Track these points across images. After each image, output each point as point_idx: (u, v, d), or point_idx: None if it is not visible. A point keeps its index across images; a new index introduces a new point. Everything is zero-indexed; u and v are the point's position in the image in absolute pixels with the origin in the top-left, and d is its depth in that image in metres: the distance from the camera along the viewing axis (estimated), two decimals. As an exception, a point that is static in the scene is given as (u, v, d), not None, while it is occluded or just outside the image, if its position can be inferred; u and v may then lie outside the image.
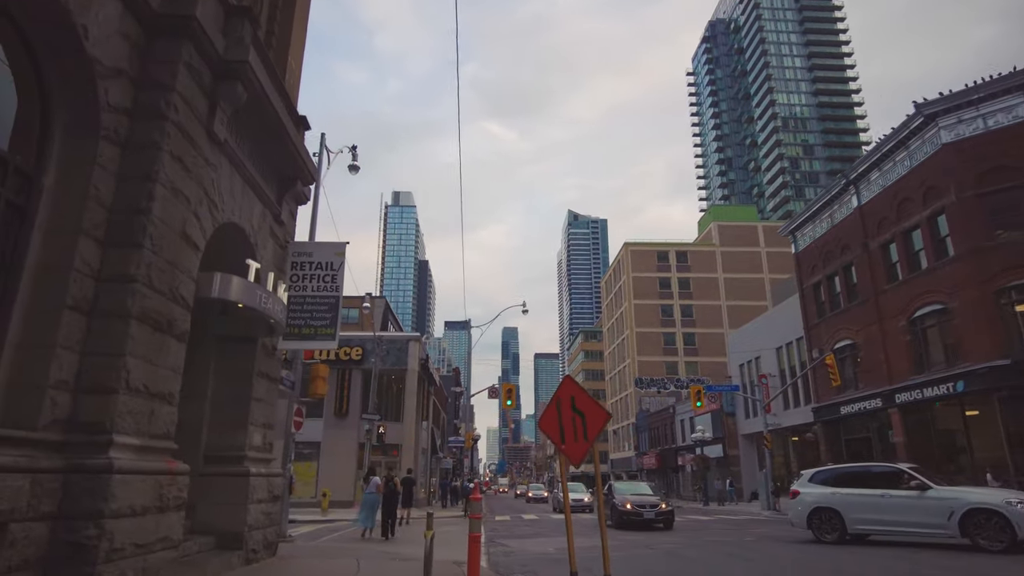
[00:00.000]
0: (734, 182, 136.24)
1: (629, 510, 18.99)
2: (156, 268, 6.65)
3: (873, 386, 27.90)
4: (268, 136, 9.47)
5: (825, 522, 14.05)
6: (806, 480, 15.02)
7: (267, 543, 9.56)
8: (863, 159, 28.41)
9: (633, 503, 19.17)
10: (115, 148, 6.60)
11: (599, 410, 8.69)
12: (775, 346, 39.84)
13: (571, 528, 8.37)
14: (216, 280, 7.79)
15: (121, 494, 5.76)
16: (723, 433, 47.27)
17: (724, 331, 71.24)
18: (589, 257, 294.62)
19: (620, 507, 19.25)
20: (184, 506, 6.95)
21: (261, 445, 9.85)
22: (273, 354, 10.31)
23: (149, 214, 6.57)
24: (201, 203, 7.68)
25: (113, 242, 6.43)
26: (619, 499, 19.84)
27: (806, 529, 14.45)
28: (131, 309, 6.25)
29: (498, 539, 17.04)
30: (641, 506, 19.02)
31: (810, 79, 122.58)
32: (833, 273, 31.99)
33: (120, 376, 6.04)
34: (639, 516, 18.78)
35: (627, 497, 19.77)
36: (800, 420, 36.41)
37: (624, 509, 19.09)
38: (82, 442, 5.79)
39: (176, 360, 7.06)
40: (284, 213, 10.74)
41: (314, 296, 10.63)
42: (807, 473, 15.40)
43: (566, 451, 8.66)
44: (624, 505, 19.22)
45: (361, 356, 34.51)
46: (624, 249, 79.60)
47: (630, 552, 12.91)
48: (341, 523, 22.25)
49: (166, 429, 6.80)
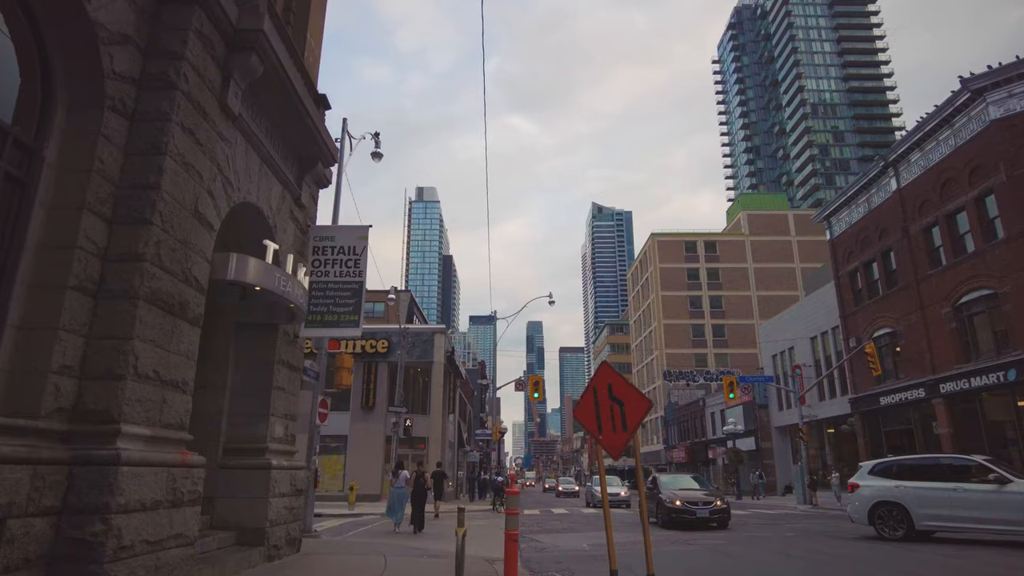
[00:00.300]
0: (762, 171, 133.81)
1: (679, 507, 17.08)
2: (166, 247, 6.23)
3: (915, 376, 26.85)
4: (286, 113, 9.02)
5: (889, 517, 13.11)
6: (865, 472, 14.12)
7: (290, 539, 9.17)
8: (903, 139, 27.24)
9: (683, 499, 17.29)
10: (122, 119, 6.19)
11: (639, 398, 8.11)
12: (809, 336, 38.76)
13: (610, 524, 7.82)
14: (232, 261, 7.36)
15: (130, 487, 5.35)
16: (755, 426, 46.27)
17: (754, 322, 69.91)
18: (614, 250, 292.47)
19: (668, 504, 17.35)
20: (200, 500, 6.54)
21: (283, 437, 9.45)
22: (295, 342, 9.90)
23: (158, 189, 6.15)
24: (215, 180, 7.25)
25: (120, 219, 6.02)
26: (667, 495, 17.85)
27: (867, 525, 13.58)
28: (139, 290, 5.83)
29: (529, 534, 16.55)
30: (693, 503, 17.11)
31: (840, 64, 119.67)
32: (871, 259, 30.89)
33: (128, 361, 5.62)
34: (691, 514, 16.86)
35: (676, 493, 17.84)
36: (836, 412, 35.38)
37: (673, 506, 17.20)
38: (87, 432, 5.39)
39: (190, 346, 6.65)
40: (304, 195, 10.31)
41: (337, 282, 10.19)
42: (866, 465, 14.51)
43: (604, 443, 8.10)
44: (673, 502, 17.28)
45: (387, 349, 34.25)
46: (651, 240, 78.47)
47: (670, 548, 12.31)
48: (368, 517, 21.97)
49: (179, 419, 6.38)
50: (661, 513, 17.53)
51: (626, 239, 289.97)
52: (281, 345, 9.39)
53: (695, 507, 16.95)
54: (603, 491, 8.06)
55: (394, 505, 16.94)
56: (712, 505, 17.02)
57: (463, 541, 6.19)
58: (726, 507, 17.24)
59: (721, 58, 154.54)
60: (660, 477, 19.92)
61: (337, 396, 31.37)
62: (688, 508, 17.00)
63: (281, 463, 9.03)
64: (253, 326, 9.21)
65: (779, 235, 75.17)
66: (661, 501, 17.71)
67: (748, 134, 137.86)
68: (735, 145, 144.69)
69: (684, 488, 18.56)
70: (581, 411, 8.42)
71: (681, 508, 17.06)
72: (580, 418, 8.41)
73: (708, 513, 16.77)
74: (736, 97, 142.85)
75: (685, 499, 17.27)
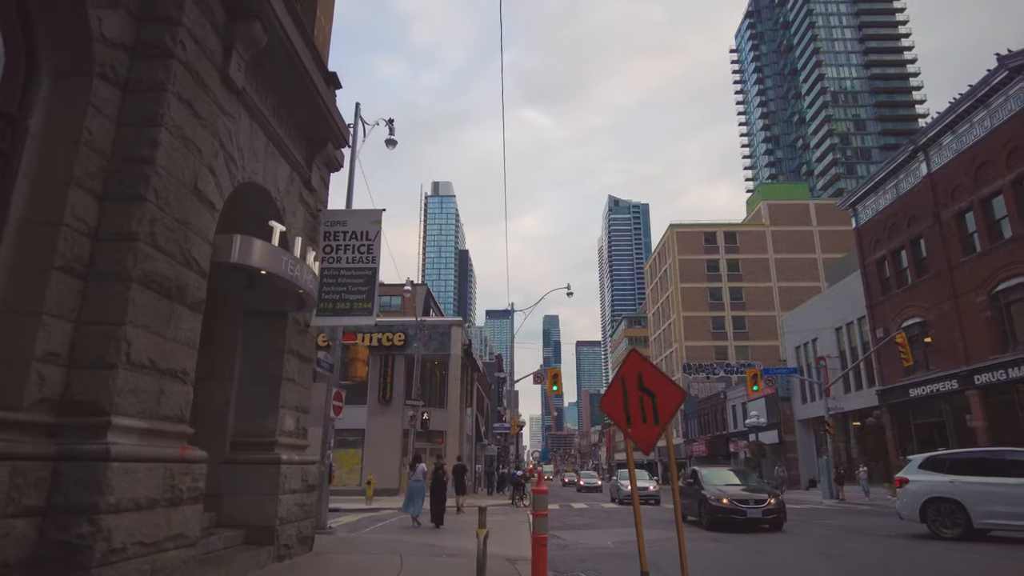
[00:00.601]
0: (781, 161, 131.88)
1: (727, 506, 14.99)
2: (162, 226, 5.77)
3: (947, 367, 25.97)
4: (294, 90, 8.54)
5: (944, 515, 12.26)
6: (915, 467, 13.31)
7: (301, 537, 8.73)
8: (935, 122, 26.27)
9: (732, 497, 15.18)
10: (113, 89, 5.73)
11: (672, 389, 7.54)
12: (834, 327, 37.86)
13: (640, 522, 7.29)
14: (235, 243, 6.89)
15: (121, 485, 4.90)
16: (778, 418, 45.43)
17: (776, 314, 68.80)
18: (631, 243, 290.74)
19: (714, 502, 15.22)
20: (201, 498, 6.10)
21: (294, 430, 9.01)
22: (305, 331, 9.45)
23: (153, 163, 5.68)
24: (216, 156, 6.78)
25: (112, 195, 5.57)
26: (711, 492, 15.66)
27: (919, 523, 12.77)
28: (132, 271, 5.37)
29: (550, 531, 16.00)
30: (743, 501, 15.00)
31: (861, 51, 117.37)
32: (899, 247, 29.96)
33: (120, 348, 5.17)
34: (740, 515, 14.75)
35: (723, 489, 15.72)
36: (862, 404, 34.52)
37: (720, 505, 15.10)
38: (75, 425, 4.95)
39: (190, 333, 6.19)
40: (315, 178, 9.84)
41: (349, 268, 9.72)
42: (917, 459, 13.69)
43: (634, 436, 7.55)
44: (720, 500, 15.17)
45: (404, 342, 33.91)
46: (669, 231, 77.45)
47: (701, 546, 11.74)
48: (386, 511, 21.61)
49: (178, 411, 5.94)
50: (705, 512, 15.49)
51: (643, 232, 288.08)
52: (291, 334, 8.94)
53: (746, 506, 14.90)
54: (633, 487, 7.55)
55: (411, 498, 16.61)
56: (765, 504, 14.91)
57: (485, 544, 5.69)
58: (781, 506, 15.05)
59: (739, 47, 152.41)
60: (702, 471, 17.43)
61: (354, 390, 31.10)
62: (737, 507, 14.94)
63: (292, 457, 8.59)
64: (261, 314, 8.77)
65: (800, 225, 73.84)
66: (705, 499, 15.59)
67: (767, 124, 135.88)
68: (754, 135, 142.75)
69: (730, 483, 16.52)
70: (608, 403, 7.89)
71: (729, 507, 15.02)
72: (607, 410, 7.87)
73: (761, 513, 14.72)
74: (754, 87, 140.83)
75: (734, 496, 15.24)
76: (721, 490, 15.68)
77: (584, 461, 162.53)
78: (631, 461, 7.89)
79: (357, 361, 14.39)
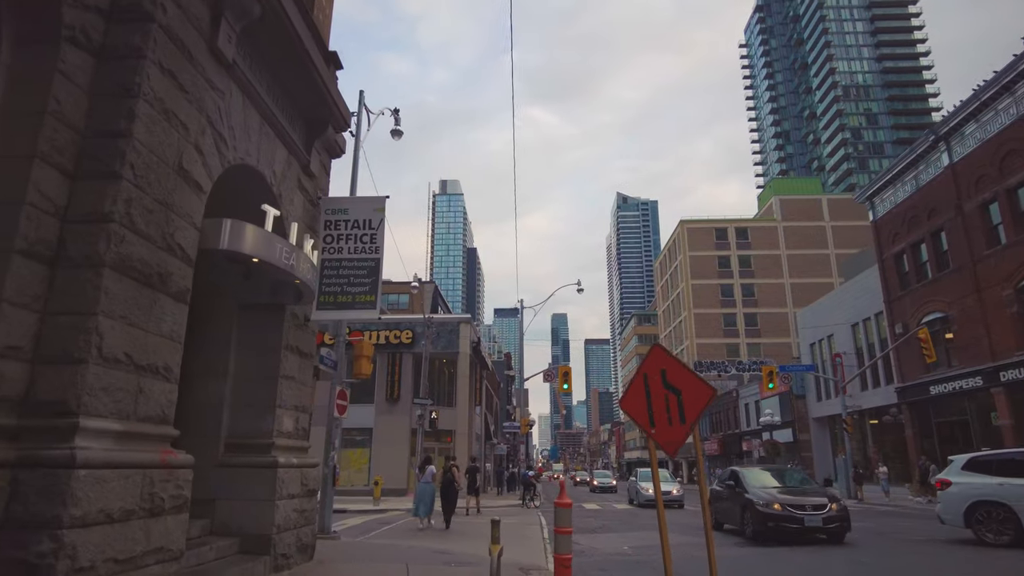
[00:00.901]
0: (792, 156, 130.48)
1: (779, 513, 12.48)
2: (141, 207, 5.22)
3: (971, 363, 25.18)
4: (291, 68, 7.97)
5: (992, 520, 11.40)
6: (958, 468, 12.55)
7: (301, 545, 8.18)
8: (957, 110, 25.46)
9: (786, 503, 12.64)
10: (85, 56, 5.18)
11: (700, 386, 6.94)
12: (850, 323, 37.04)
13: (665, 528, 6.71)
14: (225, 228, 6.34)
15: (89, 495, 4.36)
16: (792, 416, 44.64)
17: (788, 310, 67.93)
18: (640, 240, 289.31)
19: (763, 507, 12.72)
20: (187, 507, 5.55)
21: (293, 431, 8.46)
22: (305, 326, 8.90)
23: (129, 137, 5.13)
24: (203, 134, 6.23)
25: (84, 173, 5.03)
26: (758, 495, 13.15)
27: (963, 527, 12.00)
28: (104, 256, 4.83)
29: (563, 533, 15.48)
30: (798, 507, 12.50)
31: (873, 44, 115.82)
32: (919, 240, 29.16)
33: (90, 341, 4.63)
34: (796, 523, 12.27)
35: (773, 494, 13.19)
36: (880, 401, 33.70)
37: (771, 511, 12.58)
38: (39, 427, 4.42)
39: (174, 325, 5.65)
40: (314, 164, 9.29)
41: (351, 259, 9.14)
42: (959, 459, 12.90)
43: (658, 438, 6.96)
44: (771, 505, 12.68)
45: (411, 340, 33.37)
46: (680, 227, 76.59)
47: (725, 552, 11.10)
48: (394, 513, 21.10)
49: (160, 411, 5.39)
50: (751, 520, 13.00)
51: (652, 229, 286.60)
52: (289, 328, 8.39)
53: (802, 512, 12.39)
54: (657, 490, 6.96)
55: (421, 501, 16.21)
56: (826, 509, 12.45)
57: (499, 562, 5.11)
58: (844, 512, 12.57)
59: (748, 42, 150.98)
60: (743, 472, 15.02)
61: (361, 388, 30.61)
62: (792, 514, 12.38)
63: (290, 460, 8.04)
64: (257, 308, 8.22)
65: (813, 220, 72.83)
66: (750, 504, 13.11)
67: (777, 119, 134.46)
68: (764, 131, 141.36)
69: (778, 486, 14.10)
70: (629, 402, 7.29)
71: (782, 514, 12.44)
72: (628, 410, 7.28)
73: (821, 521, 12.27)
74: (764, 81, 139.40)
75: (788, 502, 12.72)
76: (770, 494, 13.21)
77: (594, 460, 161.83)
78: (655, 463, 7.31)
79: (362, 358, 13.85)
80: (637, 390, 7.22)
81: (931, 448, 28.07)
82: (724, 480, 15.66)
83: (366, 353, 13.89)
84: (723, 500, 15.07)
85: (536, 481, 28.54)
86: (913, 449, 29.45)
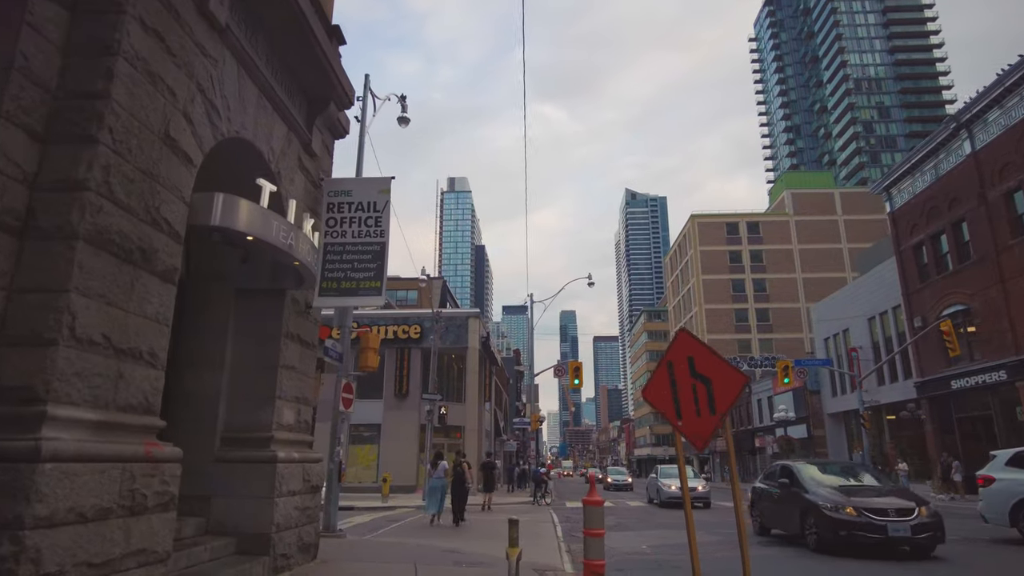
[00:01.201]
0: (803, 151, 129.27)
1: (854, 520, 10.07)
2: (121, 175, 4.75)
3: (994, 356, 24.48)
4: (290, 38, 7.48)
5: None
6: (1002, 463, 11.95)
7: (303, 545, 7.72)
8: (979, 96, 24.72)
9: (862, 506, 10.22)
10: (58, 8, 4.70)
11: (732, 373, 6.42)
12: (866, 316, 36.32)
13: (692, 529, 6.20)
14: (217, 203, 5.86)
15: (56, 492, 3.88)
16: (807, 412, 43.93)
17: (800, 305, 67.15)
18: (648, 236, 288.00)
19: (831, 512, 10.38)
20: (173, 505, 5.08)
21: (294, 424, 7.99)
22: (306, 313, 8.42)
23: (108, 99, 4.66)
24: (193, 101, 5.75)
25: (57, 136, 4.56)
26: (823, 497, 10.85)
27: (1008, 526, 11.39)
28: (78, 227, 4.36)
29: (577, 531, 14.96)
30: (878, 512, 10.08)
31: (885, 36, 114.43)
32: (939, 231, 28.44)
33: (61, 321, 4.16)
34: (877, 532, 9.89)
35: (845, 496, 10.68)
36: (898, 396, 32.98)
37: (843, 518, 10.19)
38: (2, 416, 3.95)
39: (160, 307, 5.17)
40: (316, 143, 8.81)
41: (355, 243, 8.66)
42: (1002, 454, 12.28)
43: (685, 431, 6.44)
44: (841, 510, 10.30)
45: (420, 334, 32.94)
46: (691, 222, 75.78)
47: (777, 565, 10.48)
48: (403, 510, 20.67)
49: (143, 399, 4.92)
50: (818, 527, 10.61)
51: (660, 225, 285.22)
52: (289, 315, 7.92)
53: (885, 519, 10.00)
54: (684, 490, 6.46)
55: (432, 497, 15.85)
56: (914, 516, 10.04)
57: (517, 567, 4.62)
58: (937, 520, 10.13)
59: (758, 36, 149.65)
60: (799, 467, 12.51)
61: (370, 384, 30.24)
62: (871, 521, 9.98)
63: (291, 455, 7.57)
64: (256, 293, 7.75)
65: (825, 214, 71.88)
66: (814, 508, 10.80)
67: (787, 113, 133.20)
68: (774, 125, 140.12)
69: (847, 483, 11.69)
70: (653, 392, 6.77)
71: (858, 520, 10.04)
72: (652, 400, 6.76)
73: (909, 530, 9.86)
74: (774, 75, 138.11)
75: (864, 505, 10.26)
76: (839, 495, 10.79)
77: (603, 456, 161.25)
78: (680, 458, 6.82)
79: (368, 350, 13.38)
80: (661, 379, 6.70)
81: (952, 444, 27.37)
82: (774, 477, 13.34)
83: (372, 345, 13.43)
84: (771, 501, 12.86)
85: (548, 478, 28.03)
86: (933, 445, 28.76)
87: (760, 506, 13.68)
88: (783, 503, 12.23)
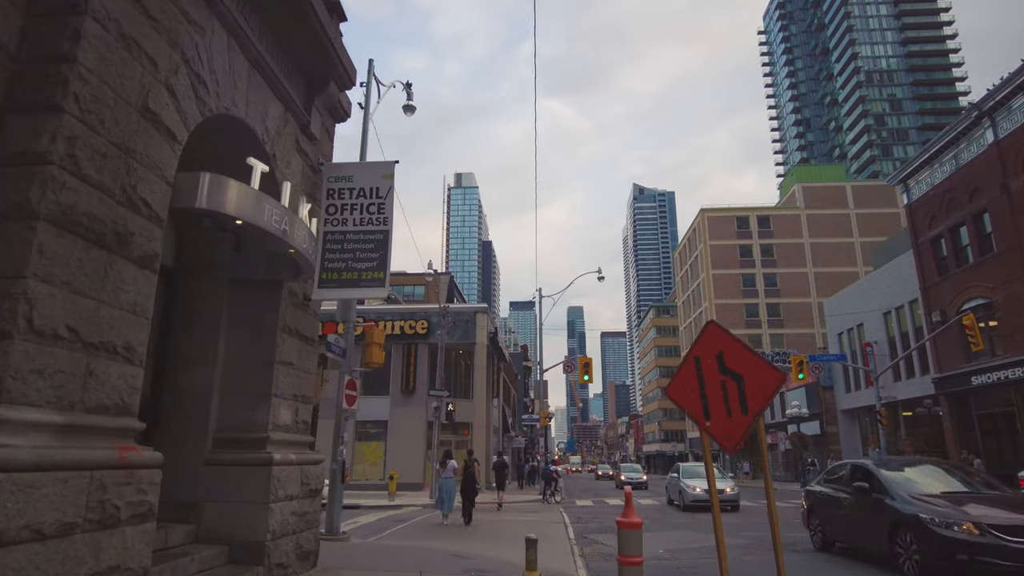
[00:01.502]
0: (813, 144, 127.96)
1: (976, 540, 7.73)
2: (89, 148, 4.25)
3: (1018, 351, 23.72)
4: (286, 10, 6.97)
5: None
6: None
7: (301, 553, 7.23)
8: (1004, 83, 23.94)
9: (985, 523, 7.85)
10: (20, -38, 4.21)
11: (766, 370, 5.89)
12: (882, 311, 35.55)
13: (721, 535, 5.68)
14: (203, 183, 5.35)
15: (7, 506, 3.38)
16: (820, 408, 43.23)
17: (812, 300, 66.28)
18: (656, 231, 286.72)
19: (943, 531, 7.99)
20: (152, 515, 4.59)
21: (291, 424, 7.50)
22: (304, 305, 7.92)
23: (73, 62, 4.16)
24: (177, 73, 5.24)
25: (16, 105, 4.07)
26: (927, 509, 8.48)
27: None
28: (39, 206, 3.86)
29: (589, 533, 14.48)
30: (1011, 531, 7.67)
31: (897, 28, 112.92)
32: (959, 223, 27.63)
33: (16, 310, 3.67)
34: (1015, 558, 7.47)
35: (954, 509, 8.34)
36: (915, 392, 32.21)
37: (959, 537, 7.83)
38: (-52, 419, 3.46)
39: (137, 296, 4.67)
40: (315, 125, 8.29)
41: (357, 231, 8.15)
42: None
43: (714, 432, 5.93)
44: (957, 527, 7.93)
45: (427, 330, 32.45)
46: (700, 216, 74.95)
47: (763, 556, 10.00)
48: (409, 509, 20.22)
49: (118, 399, 4.43)
50: (922, 548, 8.15)
51: (669, 220, 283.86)
52: (287, 308, 7.42)
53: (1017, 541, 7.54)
54: (712, 491, 5.95)
55: (443, 497, 15.45)
56: None
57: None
58: None
59: (767, 28, 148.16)
60: (880, 469, 10.04)
61: (376, 380, 29.80)
62: (1003, 542, 7.57)
63: (288, 457, 7.08)
64: (251, 284, 7.25)
65: (837, 208, 70.87)
66: (913, 523, 8.45)
67: (797, 106, 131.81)
68: (783, 119, 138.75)
69: (955, 491, 9.25)
70: (678, 389, 6.25)
71: (983, 542, 7.68)
72: (678, 398, 6.23)
73: None
74: (784, 68, 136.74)
75: (991, 521, 7.88)
76: (948, 505, 8.49)
77: (611, 452, 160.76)
78: (708, 457, 6.32)
79: (373, 345, 12.89)
80: (688, 375, 6.17)
81: (972, 441, 26.66)
82: (841, 480, 11.08)
83: (378, 341, 12.94)
84: (839, 507, 10.72)
85: (558, 476, 27.54)
86: (952, 442, 28.04)
87: (821, 514, 11.36)
88: (858, 512, 10.02)
